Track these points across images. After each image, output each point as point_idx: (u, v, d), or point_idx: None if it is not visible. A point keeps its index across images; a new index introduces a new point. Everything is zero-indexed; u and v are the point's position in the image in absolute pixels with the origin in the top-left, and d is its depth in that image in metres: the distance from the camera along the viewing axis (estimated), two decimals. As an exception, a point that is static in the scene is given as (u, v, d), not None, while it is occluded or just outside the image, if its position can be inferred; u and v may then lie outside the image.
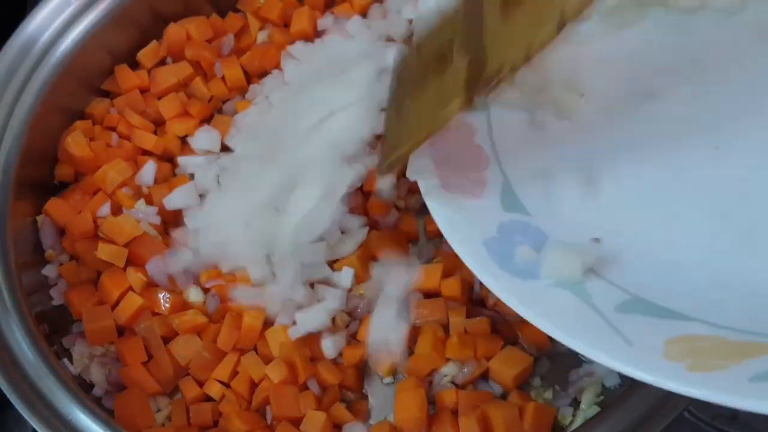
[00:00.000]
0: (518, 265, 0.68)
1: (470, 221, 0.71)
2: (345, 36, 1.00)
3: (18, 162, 0.87)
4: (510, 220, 0.72)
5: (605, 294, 0.66)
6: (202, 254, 0.86)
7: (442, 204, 0.72)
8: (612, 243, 0.70)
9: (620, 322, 0.62)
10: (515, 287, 0.66)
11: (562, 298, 0.65)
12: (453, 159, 0.76)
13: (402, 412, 0.79)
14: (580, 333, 0.62)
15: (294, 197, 0.82)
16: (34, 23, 0.92)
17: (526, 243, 0.70)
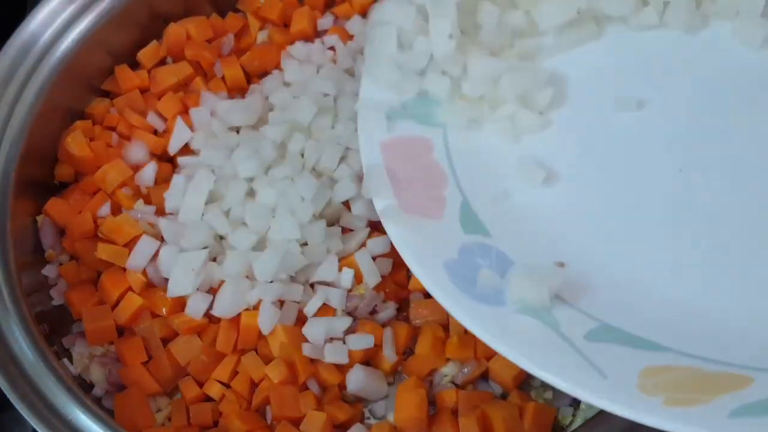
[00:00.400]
0: (482, 290, 0.65)
1: (430, 243, 0.69)
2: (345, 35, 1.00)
3: (18, 162, 0.87)
4: (471, 242, 0.69)
5: (574, 321, 0.63)
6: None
7: (400, 225, 0.70)
8: (578, 267, 0.67)
9: (591, 351, 0.61)
10: (479, 314, 0.63)
11: (528, 325, 0.63)
12: (410, 176, 0.74)
13: (402, 412, 0.79)
14: (550, 364, 0.60)
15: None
16: (34, 23, 0.92)
17: (489, 267, 0.67)
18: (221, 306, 0.83)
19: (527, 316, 0.64)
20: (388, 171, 0.74)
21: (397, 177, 0.74)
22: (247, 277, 0.84)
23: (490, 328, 0.63)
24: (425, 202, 0.72)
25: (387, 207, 0.71)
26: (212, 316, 0.84)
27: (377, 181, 0.74)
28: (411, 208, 0.71)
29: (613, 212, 0.72)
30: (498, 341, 0.62)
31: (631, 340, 0.62)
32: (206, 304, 0.83)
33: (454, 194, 0.73)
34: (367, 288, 0.84)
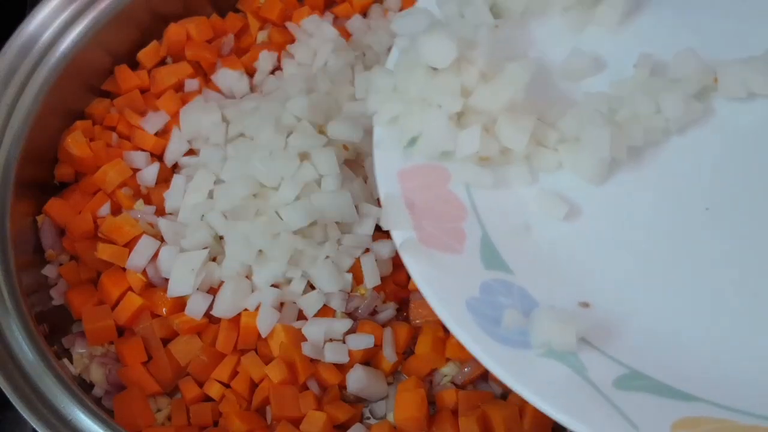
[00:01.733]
0: (506, 331, 0.63)
1: (450, 280, 0.66)
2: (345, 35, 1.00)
3: (18, 162, 0.87)
4: (492, 278, 0.67)
5: (602, 367, 0.61)
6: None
7: (420, 260, 0.67)
8: (604, 309, 0.65)
9: (620, 399, 0.58)
10: (504, 358, 0.61)
11: (555, 370, 0.61)
12: (429, 207, 0.71)
13: (402, 412, 0.79)
14: (578, 412, 0.57)
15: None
16: (34, 23, 0.92)
17: (512, 306, 0.65)
18: (221, 306, 0.83)
19: (553, 360, 0.61)
20: (406, 201, 0.71)
21: (415, 208, 0.71)
22: (247, 277, 0.84)
23: (515, 372, 0.60)
24: (444, 235, 0.69)
25: (406, 241, 0.68)
26: (212, 316, 0.84)
27: (396, 212, 0.71)
28: (430, 242, 0.68)
29: (639, 252, 0.69)
30: (524, 387, 0.59)
31: (662, 389, 0.60)
32: (206, 304, 0.83)
33: (474, 227, 0.70)
34: (368, 289, 0.84)
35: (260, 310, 0.82)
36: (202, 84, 0.99)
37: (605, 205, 0.73)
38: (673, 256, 0.69)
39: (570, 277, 0.68)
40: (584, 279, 0.68)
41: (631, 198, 0.73)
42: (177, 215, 0.88)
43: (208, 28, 1.02)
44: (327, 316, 0.83)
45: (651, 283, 0.68)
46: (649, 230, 0.71)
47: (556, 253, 0.70)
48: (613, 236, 0.71)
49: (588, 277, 0.68)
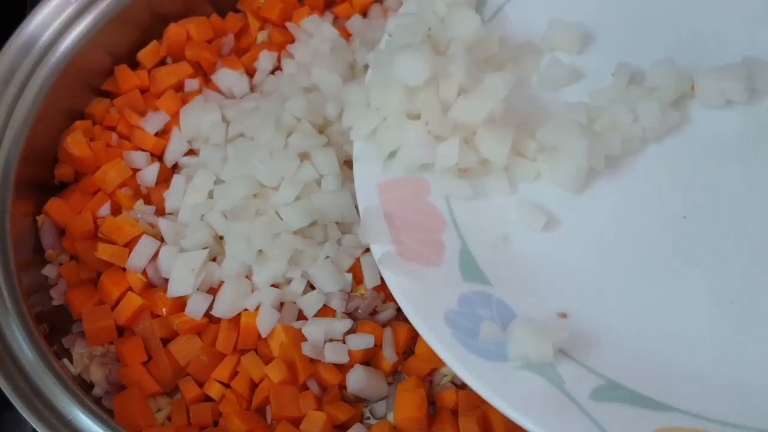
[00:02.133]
0: (484, 343, 0.63)
1: (429, 293, 0.66)
2: (345, 35, 1.00)
3: (18, 162, 0.87)
4: (471, 290, 0.67)
5: (579, 378, 0.61)
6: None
7: (399, 274, 0.67)
8: (582, 320, 0.65)
9: (597, 411, 0.58)
10: (481, 370, 0.61)
11: (532, 383, 0.61)
12: (408, 219, 0.71)
13: (402, 412, 0.79)
14: (555, 425, 0.57)
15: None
16: (34, 23, 0.92)
17: (490, 318, 0.65)
18: (221, 306, 0.83)
19: (531, 373, 0.61)
20: (385, 215, 0.71)
21: (395, 221, 0.71)
22: (248, 277, 0.84)
23: (492, 386, 0.60)
24: (424, 247, 0.69)
25: (385, 255, 0.68)
26: (212, 316, 0.84)
27: (374, 225, 0.71)
28: (409, 255, 0.68)
29: (617, 262, 0.69)
30: (501, 400, 0.59)
31: (639, 400, 0.60)
32: (206, 304, 0.83)
33: (453, 239, 0.70)
34: (368, 289, 0.84)
35: (260, 310, 0.82)
36: (202, 84, 0.99)
37: (584, 215, 0.73)
38: (651, 266, 0.69)
39: (548, 288, 0.68)
40: (562, 289, 0.68)
41: (609, 207, 0.73)
42: (177, 215, 0.88)
43: (208, 28, 1.02)
44: (327, 316, 0.83)
45: (629, 293, 0.68)
46: (627, 240, 0.71)
47: (535, 264, 0.70)
48: (591, 246, 0.71)
49: (566, 288, 0.68)
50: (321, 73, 0.91)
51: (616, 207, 0.73)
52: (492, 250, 0.70)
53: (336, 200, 0.83)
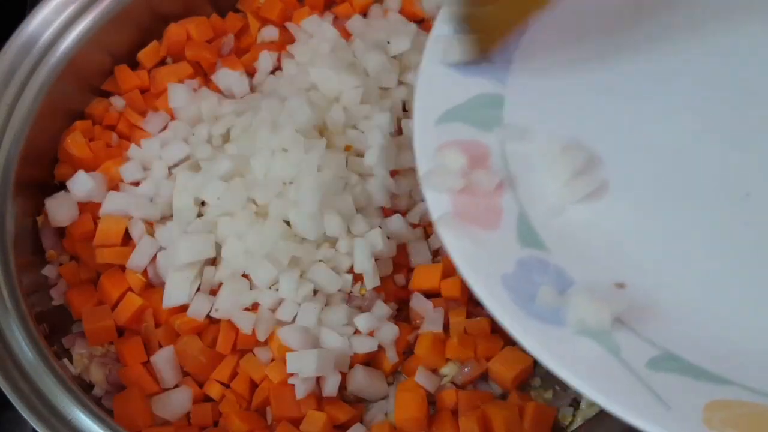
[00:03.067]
0: (540, 308, 0.63)
1: (486, 256, 0.66)
2: (346, 35, 1.00)
3: (18, 162, 0.87)
4: (528, 256, 0.66)
5: (636, 347, 0.61)
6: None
7: (456, 234, 0.67)
8: (640, 290, 0.65)
9: (653, 380, 0.58)
10: (537, 332, 0.61)
11: (588, 348, 0.60)
12: (466, 181, 0.70)
13: (402, 412, 0.79)
14: (610, 390, 0.58)
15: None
16: (34, 23, 0.92)
17: (548, 284, 0.64)
18: (220, 307, 0.83)
19: (587, 339, 0.61)
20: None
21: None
22: (247, 278, 0.84)
23: (548, 347, 0.60)
24: (482, 211, 0.69)
25: (444, 215, 0.68)
26: (212, 316, 0.84)
27: (436, 174, 0.70)
28: (467, 217, 0.68)
29: (678, 233, 0.68)
30: (558, 363, 0.59)
31: (696, 372, 0.59)
32: (209, 305, 0.83)
33: (511, 204, 0.69)
34: (368, 289, 0.84)
35: (258, 312, 0.82)
36: (202, 84, 0.99)
37: (644, 185, 0.72)
38: (712, 239, 0.68)
39: (606, 257, 0.68)
40: (620, 259, 0.67)
41: (672, 179, 0.72)
42: (173, 217, 0.88)
43: (208, 28, 1.02)
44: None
45: (687, 265, 0.67)
46: (689, 211, 0.70)
47: (592, 233, 0.69)
48: (650, 216, 0.70)
49: (623, 258, 0.67)
50: (321, 73, 0.91)
51: (677, 179, 0.72)
52: (550, 217, 0.70)
53: (339, 202, 0.83)
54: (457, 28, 0.71)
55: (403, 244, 0.87)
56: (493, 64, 0.77)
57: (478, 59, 0.72)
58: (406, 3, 1.03)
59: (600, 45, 0.79)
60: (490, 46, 0.70)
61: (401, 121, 0.92)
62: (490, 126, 0.74)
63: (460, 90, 0.76)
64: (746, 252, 0.67)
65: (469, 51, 0.70)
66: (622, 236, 0.69)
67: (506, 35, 0.71)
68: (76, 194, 0.90)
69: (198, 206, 0.88)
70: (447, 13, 0.76)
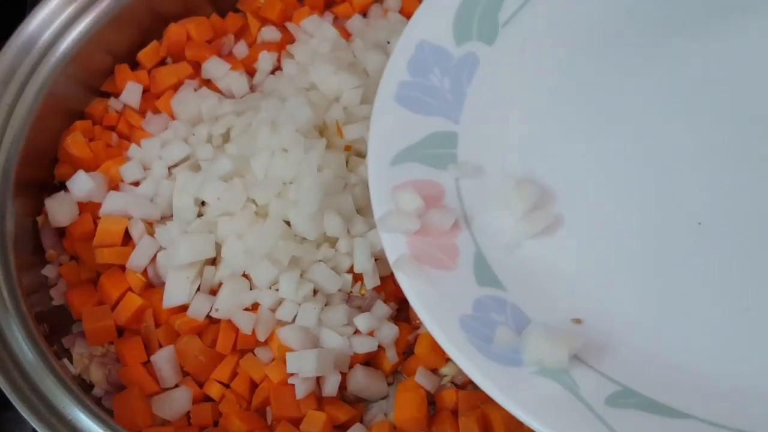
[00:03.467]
0: (498, 349, 0.63)
1: (444, 297, 0.66)
2: (346, 35, 1.00)
3: (18, 162, 0.87)
4: (485, 295, 0.67)
5: (594, 384, 0.61)
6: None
7: (413, 277, 0.67)
8: (597, 326, 0.65)
9: (612, 417, 0.58)
10: (495, 374, 0.61)
11: (547, 388, 0.61)
12: (422, 222, 0.71)
13: (402, 412, 0.79)
14: (570, 430, 0.58)
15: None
16: (34, 23, 0.92)
17: (505, 323, 0.65)
18: (220, 307, 0.83)
19: (545, 378, 0.61)
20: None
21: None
22: (245, 276, 0.84)
23: (507, 389, 0.60)
24: (438, 251, 0.69)
25: (400, 258, 0.68)
26: (212, 316, 0.84)
27: (391, 220, 0.70)
28: (424, 258, 0.68)
29: (632, 268, 0.69)
30: (515, 404, 0.59)
31: (654, 407, 0.60)
32: (209, 305, 0.83)
33: (468, 243, 0.70)
34: (368, 289, 0.84)
35: (258, 312, 0.82)
36: (202, 84, 0.99)
37: (597, 221, 0.72)
38: (666, 273, 0.69)
39: (562, 294, 0.68)
40: (576, 295, 0.68)
41: (623, 212, 0.72)
42: (173, 218, 0.88)
43: (208, 28, 1.02)
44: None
45: (644, 300, 0.67)
46: (642, 246, 0.70)
47: (548, 269, 0.69)
48: (605, 252, 0.71)
49: (580, 294, 0.68)
50: (321, 73, 0.91)
51: (630, 212, 0.72)
52: (506, 254, 0.70)
53: (339, 203, 0.83)
54: None
55: (403, 244, 0.87)
56: (448, 102, 0.78)
57: None
58: (406, 3, 1.03)
59: (549, 81, 0.79)
60: None
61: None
62: (444, 164, 0.75)
63: (414, 129, 0.77)
64: (701, 283, 0.67)
65: None
66: (577, 271, 0.69)
67: None
68: (76, 194, 0.90)
69: (198, 206, 0.88)
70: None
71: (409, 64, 0.80)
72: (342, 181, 0.85)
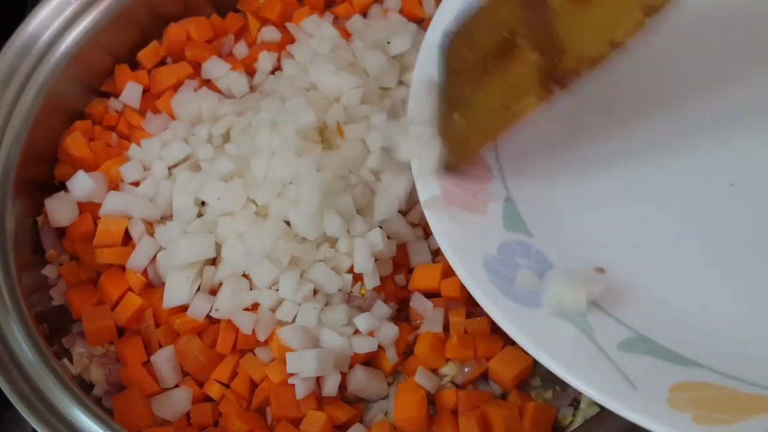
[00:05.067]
0: (519, 290, 0.64)
1: (470, 239, 0.67)
2: (346, 35, 1.00)
3: (18, 162, 0.87)
4: (511, 239, 0.68)
5: (608, 330, 0.62)
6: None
7: (443, 218, 0.68)
8: (617, 275, 0.66)
9: (623, 361, 0.60)
10: (514, 313, 0.63)
11: (563, 329, 0.62)
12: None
13: (402, 412, 0.79)
14: (580, 370, 0.59)
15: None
16: (34, 23, 0.92)
17: (527, 267, 0.66)
18: (220, 307, 0.83)
19: (562, 320, 0.62)
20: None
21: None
22: (245, 276, 0.84)
23: (524, 328, 0.62)
24: (469, 196, 0.71)
25: (431, 198, 0.69)
26: (212, 316, 0.84)
27: (427, 164, 0.71)
28: (455, 201, 0.70)
29: (657, 221, 0.70)
30: (531, 342, 0.61)
31: (666, 354, 0.61)
32: (209, 305, 0.83)
33: (499, 190, 0.72)
34: (368, 289, 0.84)
35: (258, 312, 0.82)
36: (202, 84, 0.99)
37: (628, 171, 0.73)
38: (692, 227, 0.70)
39: (588, 243, 0.69)
40: (601, 245, 0.69)
41: (653, 167, 0.73)
42: (173, 218, 0.88)
43: (208, 28, 1.02)
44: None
45: (667, 252, 0.68)
46: (667, 202, 0.71)
47: (576, 219, 0.71)
48: (631, 202, 0.72)
49: (605, 244, 0.69)
50: (321, 73, 0.91)
51: (658, 167, 0.73)
52: (536, 204, 0.71)
53: (339, 203, 0.83)
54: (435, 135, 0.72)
55: (403, 244, 0.87)
56: None
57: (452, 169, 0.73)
58: (406, 3, 1.03)
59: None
60: (461, 160, 0.71)
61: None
62: None
63: None
64: (723, 240, 0.69)
65: (443, 161, 0.71)
66: (605, 223, 0.70)
67: (476, 152, 0.72)
68: (76, 194, 0.90)
69: (198, 206, 0.88)
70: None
71: None
72: (342, 181, 0.85)
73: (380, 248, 0.83)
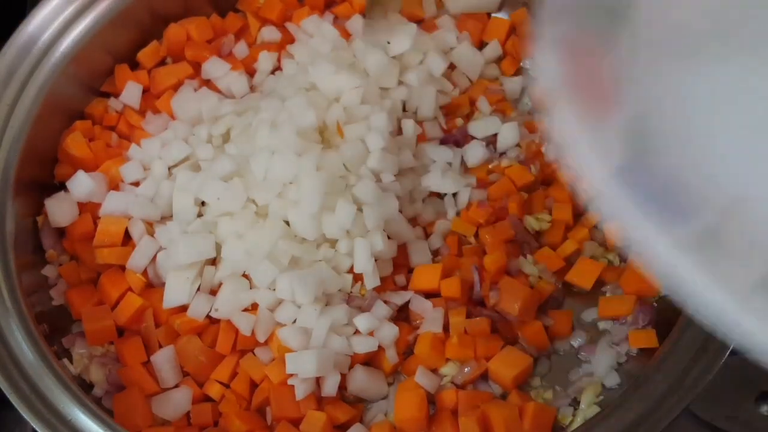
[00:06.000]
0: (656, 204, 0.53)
1: (594, 143, 0.56)
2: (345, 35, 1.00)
3: (18, 162, 0.87)
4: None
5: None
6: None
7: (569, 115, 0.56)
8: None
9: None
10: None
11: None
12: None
13: (402, 412, 0.79)
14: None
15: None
16: (34, 23, 0.92)
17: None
18: (220, 308, 0.83)
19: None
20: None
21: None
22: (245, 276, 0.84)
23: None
24: (592, 93, 0.60)
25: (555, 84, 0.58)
26: (212, 316, 0.84)
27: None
28: (577, 89, 0.58)
29: None
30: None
31: None
32: (209, 305, 0.83)
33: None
34: (368, 289, 0.84)
35: (258, 313, 0.82)
36: (202, 84, 0.99)
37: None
38: None
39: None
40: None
41: None
42: (173, 218, 0.88)
43: (208, 28, 1.02)
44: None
45: None
46: None
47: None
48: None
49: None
50: (321, 73, 0.91)
51: None
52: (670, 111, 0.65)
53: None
54: None
55: (403, 244, 0.87)
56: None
57: None
58: (405, 3, 1.03)
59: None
60: None
61: (401, 121, 0.92)
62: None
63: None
64: None
65: None
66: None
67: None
68: (76, 194, 0.90)
69: (198, 206, 0.88)
70: None
71: None
72: (342, 181, 0.85)
73: (380, 248, 0.83)
